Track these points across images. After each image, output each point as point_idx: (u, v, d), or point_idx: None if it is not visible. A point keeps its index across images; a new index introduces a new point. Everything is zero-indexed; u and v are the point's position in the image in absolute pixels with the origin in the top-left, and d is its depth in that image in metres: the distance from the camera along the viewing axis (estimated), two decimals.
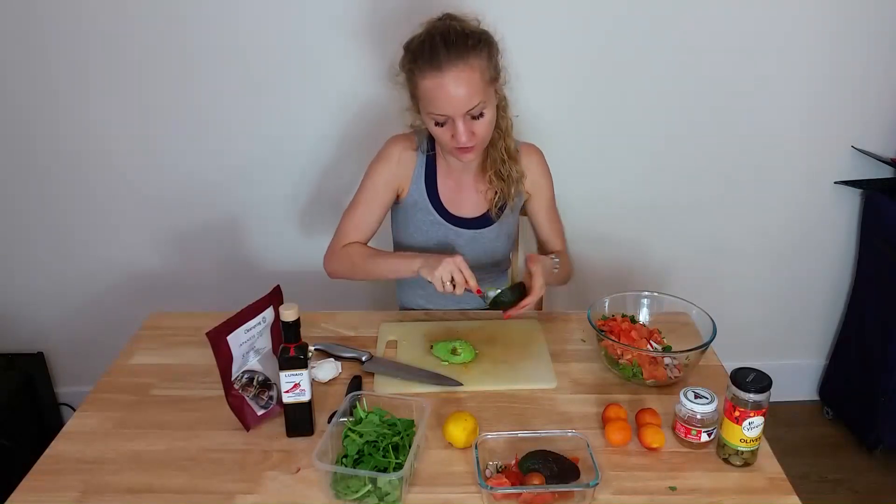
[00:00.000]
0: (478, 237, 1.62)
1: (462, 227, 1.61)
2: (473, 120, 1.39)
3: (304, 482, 1.15)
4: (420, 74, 1.36)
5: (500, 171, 1.56)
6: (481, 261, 1.64)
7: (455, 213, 1.60)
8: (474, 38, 1.38)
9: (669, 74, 2.04)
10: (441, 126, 1.41)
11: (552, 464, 1.11)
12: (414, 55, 1.38)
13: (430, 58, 1.34)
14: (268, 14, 1.93)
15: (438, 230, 1.60)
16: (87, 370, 1.88)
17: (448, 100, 1.35)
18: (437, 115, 1.38)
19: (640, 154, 2.15)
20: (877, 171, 2.16)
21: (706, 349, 1.35)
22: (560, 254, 1.64)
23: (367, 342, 1.52)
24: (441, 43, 1.34)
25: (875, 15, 1.99)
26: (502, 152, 1.54)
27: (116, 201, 2.15)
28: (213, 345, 1.18)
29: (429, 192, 1.59)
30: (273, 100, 2.04)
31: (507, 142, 1.54)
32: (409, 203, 1.60)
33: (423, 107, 1.41)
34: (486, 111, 1.41)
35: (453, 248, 1.61)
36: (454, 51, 1.34)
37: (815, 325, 2.46)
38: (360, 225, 1.59)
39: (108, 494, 1.13)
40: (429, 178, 1.58)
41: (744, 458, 1.16)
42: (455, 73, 1.34)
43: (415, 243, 1.62)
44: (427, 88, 1.36)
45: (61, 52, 1.96)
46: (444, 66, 1.33)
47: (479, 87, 1.37)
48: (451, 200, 1.60)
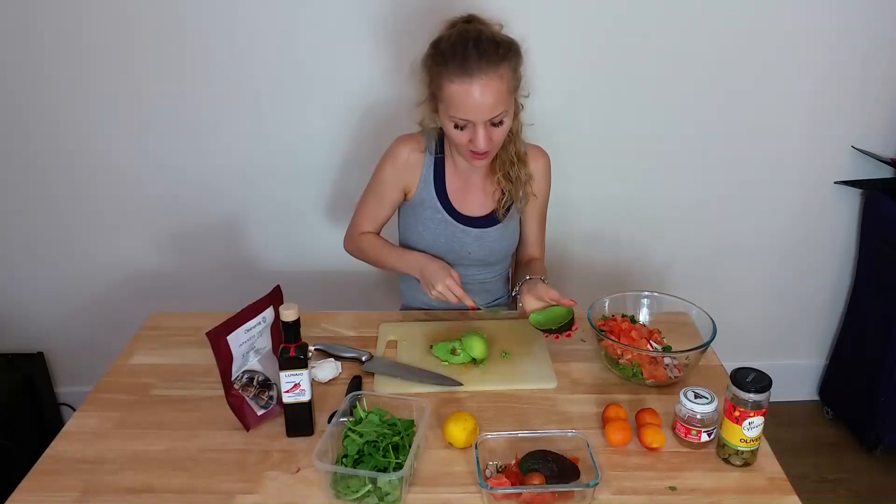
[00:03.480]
0: (484, 236, 1.62)
1: (469, 225, 1.61)
2: (493, 127, 1.40)
3: (304, 482, 1.15)
4: (448, 77, 1.36)
5: (508, 173, 1.57)
6: (488, 259, 1.66)
7: (462, 212, 1.61)
8: (504, 46, 1.38)
9: (669, 75, 2.04)
10: (460, 130, 1.41)
11: (552, 464, 1.11)
12: (444, 57, 1.37)
13: (462, 63, 1.34)
14: (268, 14, 1.93)
15: (446, 228, 1.61)
16: (87, 370, 1.88)
17: (474, 107, 1.36)
18: (459, 118, 1.39)
19: (641, 154, 2.15)
20: (877, 171, 2.16)
21: (706, 349, 1.35)
22: (536, 265, 1.69)
23: (367, 342, 1.52)
24: (473, 49, 1.34)
25: (875, 15, 1.99)
26: (512, 155, 1.55)
27: (116, 201, 2.15)
28: (213, 345, 1.18)
29: (437, 191, 1.60)
30: (273, 100, 2.04)
31: (517, 145, 1.55)
32: (416, 202, 1.62)
33: (445, 109, 1.41)
34: (506, 119, 1.42)
35: (461, 247, 1.62)
36: (486, 59, 1.34)
37: (815, 325, 2.46)
38: (372, 217, 1.66)
39: (108, 494, 1.13)
40: (437, 177, 1.59)
41: (744, 458, 1.17)
42: (484, 81, 1.34)
43: (423, 241, 1.63)
44: (453, 92, 1.36)
45: (61, 53, 1.96)
46: (475, 73, 1.33)
47: (504, 96, 1.38)
48: (459, 199, 1.61)
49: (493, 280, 1.73)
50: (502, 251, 1.68)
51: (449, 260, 1.63)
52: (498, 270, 1.73)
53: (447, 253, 1.62)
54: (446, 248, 1.62)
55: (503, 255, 1.70)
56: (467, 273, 1.67)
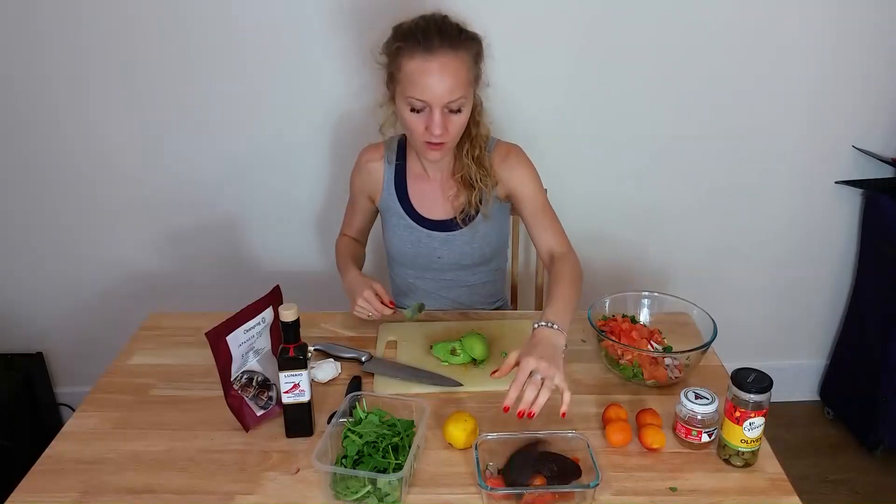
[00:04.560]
0: (451, 240, 1.60)
1: (434, 229, 1.60)
2: (450, 114, 1.38)
3: (303, 483, 1.15)
4: (408, 55, 1.34)
5: (467, 177, 1.53)
6: (461, 262, 1.63)
7: (426, 216, 1.60)
8: (467, 34, 1.39)
9: (669, 74, 2.04)
10: (416, 113, 1.38)
11: (553, 464, 1.11)
12: (405, 35, 1.36)
13: (423, 40, 1.33)
14: (268, 13, 1.93)
15: (412, 234, 1.61)
16: (86, 370, 1.87)
17: (432, 86, 1.34)
18: (416, 99, 1.36)
19: (641, 154, 2.15)
20: (877, 170, 2.15)
21: (707, 349, 1.34)
22: (563, 258, 1.49)
23: (367, 342, 1.52)
24: (435, 29, 1.35)
25: (875, 15, 1.99)
26: (471, 160, 1.52)
27: (116, 201, 2.15)
28: (213, 345, 1.18)
29: (399, 197, 1.60)
30: (273, 99, 2.04)
31: (479, 150, 1.51)
32: (383, 208, 1.64)
33: (402, 90, 1.38)
34: (464, 109, 1.40)
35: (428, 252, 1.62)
36: (447, 39, 1.34)
37: (815, 325, 2.45)
38: (350, 222, 1.74)
39: (108, 494, 1.13)
40: (399, 184, 1.60)
41: (744, 459, 1.16)
42: (444, 61, 1.33)
43: (393, 247, 1.66)
44: (412, 70, 1.34)
45: (61, 53, 1.95)
46: (436, 50, 1.33)
47: (464, 81, 1.37)
48: (422, 204, 1.60)
49: (484, 283, 1.70)
50: (476, 254, 1.62)
51: (420, 265, 1.64)
52: (485, 273, 1.69)
53: (416, 258, 1.63)
54: (414, 253, 1.62)
55: (480, 258, 1.63)
56: (444, 277, 1.66)
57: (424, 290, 1.69)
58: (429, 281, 1.68)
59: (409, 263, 1.66)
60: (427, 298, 1.68)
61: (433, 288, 1.69)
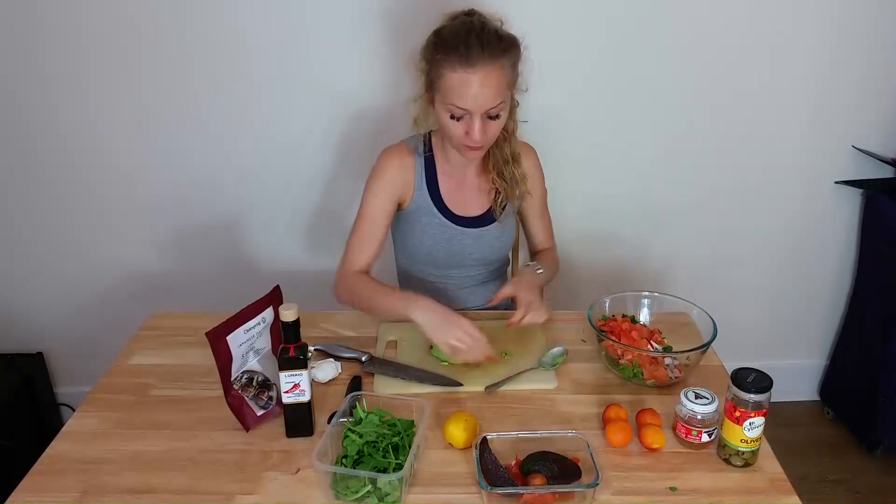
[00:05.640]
0: (483, 235, 1.62)
1: (467, 226, 1.61)
2: (490, 120, 1.41)
3: (303, 482, 1.15)
4: (449, 66, 1.36)
5: (502, 171, 1.58)
6: (487, 258, 1.66)
7: (459, 213, 1.61)
8: (507, 40, 1.40)
9: (669, 74, 2.04)
10: (456, 120, 1.41)
11: (553, 464, 1.11)
12: (446, 45, 1.37)
13: (465, 52, 1.34)
14: (269, 13, 1.93)
15: (445, 232, 1.60)
16: (86, 370, 1.87)
17: (473, 96, 1.36)
18: (457, 108, 1.39)
19: (641, 154, 2.15)
20: (877, 170, 2.15)
21: (707, 349, 1.34)
22: (546, 253, 1.73)
23: (367, 342, 1.52)
24: (476, 41, 1.35)
25: (875, 15, 1.99)
26: (507, 154, 1.56)
27: (116, 201, 2.15)
28: (213, 345, 1.18)
29: (432, 195, 1.59)
30: (274, 99, 2.04)
31: (511, 144, 1.56)
32: (412, 210, 1.60)
33: (443, 98, 1.41)
34: (502, 113, 1.43)
35: (461, 249, 1.62)
36: (488, 50, 1.35)
37: (815, 325, 2.45)
38: (366, 242, 1.57)
39: (108, 494, 1.13)
40: (430, 180, 1.59)
41: (744, 459, 1.16)
42: (485, 72, 1.35)
43: (422, 247, 1.62)
44: (454, 81, 1.37)
45: (62, 53, 1.95)
46: (477, 63, 1.34)
47: (503, 90, 1.39)
48: (454, 201, 1.60)
49: (493, 280, 1.73)
50: (502, 248, 1.68)
51: (450, 263, 1.63)
52: (497, 268, 1.74)
53: (448, 257, 1.62)
54: (447, 252, 1.62)
55: (502, 252, 1.70)
56: (468, 274, 1.67)
57: (442, 289, 1.68)
58: (452, 279, 1.68)
59: (440, 263, 1.65)
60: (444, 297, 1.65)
61: (455, 286, 1.69)
